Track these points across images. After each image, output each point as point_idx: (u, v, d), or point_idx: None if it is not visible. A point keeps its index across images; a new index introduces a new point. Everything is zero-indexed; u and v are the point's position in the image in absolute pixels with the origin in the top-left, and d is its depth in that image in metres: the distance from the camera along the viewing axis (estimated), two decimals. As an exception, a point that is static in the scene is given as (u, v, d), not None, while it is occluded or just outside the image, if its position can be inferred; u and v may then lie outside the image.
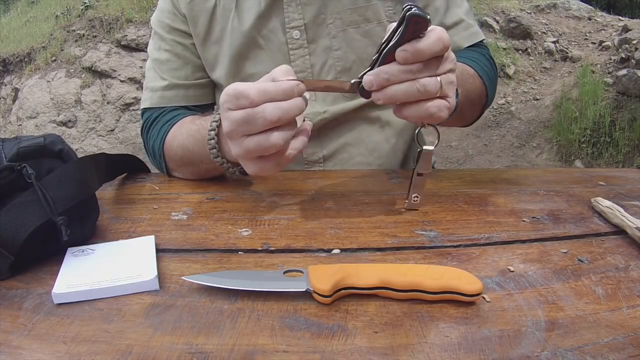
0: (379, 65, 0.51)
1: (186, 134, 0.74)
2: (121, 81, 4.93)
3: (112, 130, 4.76)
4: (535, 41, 4.96)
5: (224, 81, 0.85)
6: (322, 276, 0.44)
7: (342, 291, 0.44)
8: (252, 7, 0.80)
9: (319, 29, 0.82)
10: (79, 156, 0.57)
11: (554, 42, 4.87)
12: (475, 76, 0.77)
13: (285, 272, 0.46)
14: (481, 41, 0.88)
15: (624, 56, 4.08)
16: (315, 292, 0.43)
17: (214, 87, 0.91)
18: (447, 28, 0.83)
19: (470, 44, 0.85)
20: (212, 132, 0.65)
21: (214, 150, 0.65)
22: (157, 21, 0.87)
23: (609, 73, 4.16)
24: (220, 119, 0.63)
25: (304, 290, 0.44)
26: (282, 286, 0.45)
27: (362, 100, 0.87)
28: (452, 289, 0.43)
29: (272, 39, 0.82)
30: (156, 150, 0.80)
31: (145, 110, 0.87)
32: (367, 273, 0.44)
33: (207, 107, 0.91)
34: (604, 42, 4.61)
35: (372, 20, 0.83)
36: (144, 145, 0.87)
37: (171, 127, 0.79)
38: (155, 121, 0.84)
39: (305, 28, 0.81)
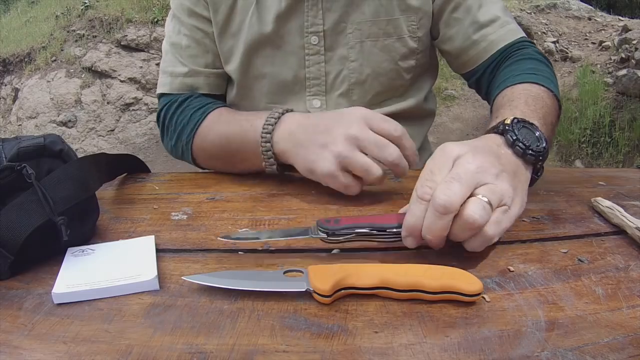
0: None
1: (226, 123, 0.74)
2: (121, 81, 4.93)
3: (112, 130, 4.76)
4: (535, 41, 4.95)
5: (235, 76, 0.84)
6: (322, 276, 0.44)
7: (342, 291, 0.44)
8: (272, 5, 0.78)
9: (338, 38, 0.80)
10: (79, 156, 0.57)
11: (554, 42, 4.87)
12: (545, 93, 0.69)
13: (285, 272, 0.46)
14: (522, 40, 0.81)
15: (624, 56, 4.08)
16: (315, 292, 0.43)
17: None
18: (482, 26, 0.80)
19: (509, 42, 0.80)
20: (270, 127, 0.66)
21: (268, 145, 0.66)
22: (178, 4, 0.83)
23: (609, 73, 4.16)
24: (278, 117, 0.67)
25: (304, 290, 0.44)
26: (282, 286, 0.45)
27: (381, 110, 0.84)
28: (452, 289, 0.43)
29: (289, 40, 0.80)
30: (183, 137, 0.79)
31: (163, 94, 0.85)
32: (367, 273, 0.44)
33: (224, 98, 0.90)
34: (604, 42, 4.61)
35: (392, 35, 0.80)
36: (162, 130, 0.84)
37: (205, 115, 0.77)
38: (182, 107, 0.81)
39: (324, 35, 0.79)
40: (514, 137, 0.53)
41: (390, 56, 0.81)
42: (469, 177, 0.45)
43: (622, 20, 4.92)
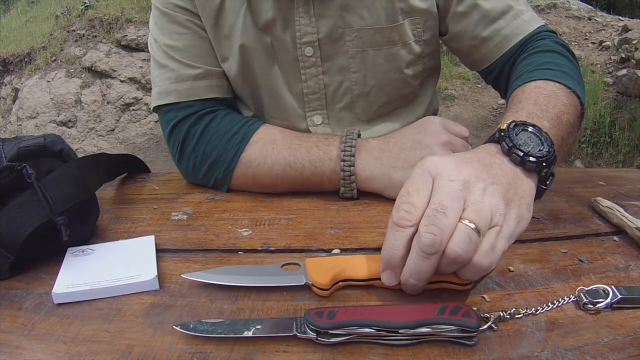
0: None
1: (286, 149, 0.67)
2: (121, 81, 4.93)
3: (112, 130, 4.76)
4: (535, 41, 4.96)
5: (234, 79, 0.76)
6: (320, 269, 0.45)
7: (340, 283, 0.44)
8: (262, 11, 0.71)
9: (335, 45, 0.73)
10: (79, 156, 0.57)
11: (554, 42, 4.86)
12: (561, 90, 0.61)
13: (283, 266, 0.47)
14: (540, 30, 0.73)
15: (624, 56, 4.07)
16: (314, 286, 0.44)
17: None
18: (493, 20, 0.72)
19: (526, 35, 0.72)
20: (350, 155, 0.63)
21: (351, 169, 0.63)
22: (165, 2, 0.73)
23: (609, 73, 4.16)
24: (355, 144, 0.64)
25: (303, 284, 0.44)
26: (281, 281, 0.45)
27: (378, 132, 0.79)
28: (445, 278, 0.43)
29: (283, 53, 0.73)
30: (218, 170, 0.69)
31: (168, 107, 0.72)
32: (363, 265, 0.45)
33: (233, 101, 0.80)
34: (604, 42, 4.61)
35: (397, 43, 0.73)
36: (179, 155, 0.72)
37: (246, 141, 0.68)
38: (208, 133, 0.70)
39: (319, 44, 0.72)
40: (510, 144, 0.47)
41: (396, 65, 0.75)
42: (454, 202, 0.40)
43: (622, 20, 4.92)
